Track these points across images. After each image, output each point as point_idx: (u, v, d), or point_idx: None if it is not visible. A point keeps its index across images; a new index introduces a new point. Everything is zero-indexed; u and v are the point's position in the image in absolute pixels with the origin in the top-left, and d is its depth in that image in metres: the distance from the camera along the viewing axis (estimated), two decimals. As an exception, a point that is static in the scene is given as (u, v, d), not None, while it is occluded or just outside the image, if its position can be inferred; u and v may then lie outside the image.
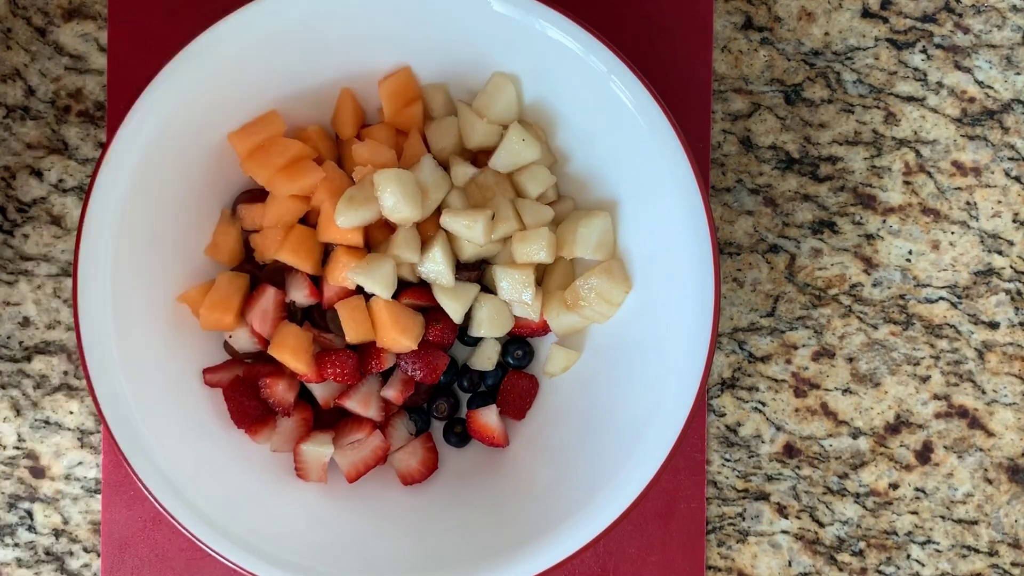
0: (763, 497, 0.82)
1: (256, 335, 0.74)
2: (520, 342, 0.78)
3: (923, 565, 0.83)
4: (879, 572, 0.82)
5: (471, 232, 0.73)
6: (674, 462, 0.81)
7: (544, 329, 0.78)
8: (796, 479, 0.82)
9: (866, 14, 0.83)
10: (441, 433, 0.80)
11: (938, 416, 0.83)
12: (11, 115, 0.82)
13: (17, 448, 0.82)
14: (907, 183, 0.83)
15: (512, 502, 0.75)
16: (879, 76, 0.83)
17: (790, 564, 0.83)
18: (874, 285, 0.83)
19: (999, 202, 0.83)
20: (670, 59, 0.81)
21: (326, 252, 0.75)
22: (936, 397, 0.83)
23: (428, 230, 0.75)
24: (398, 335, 0.73)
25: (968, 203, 0.83)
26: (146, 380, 0.71)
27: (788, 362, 0.83)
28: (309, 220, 0.76)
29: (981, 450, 0.83)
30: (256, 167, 0.74)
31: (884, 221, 0.83)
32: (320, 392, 0.76)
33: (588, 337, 0.78)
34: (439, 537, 0.74)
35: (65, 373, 0.82)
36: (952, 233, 0.83)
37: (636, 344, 0.74)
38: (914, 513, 0.83)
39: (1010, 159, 0.83)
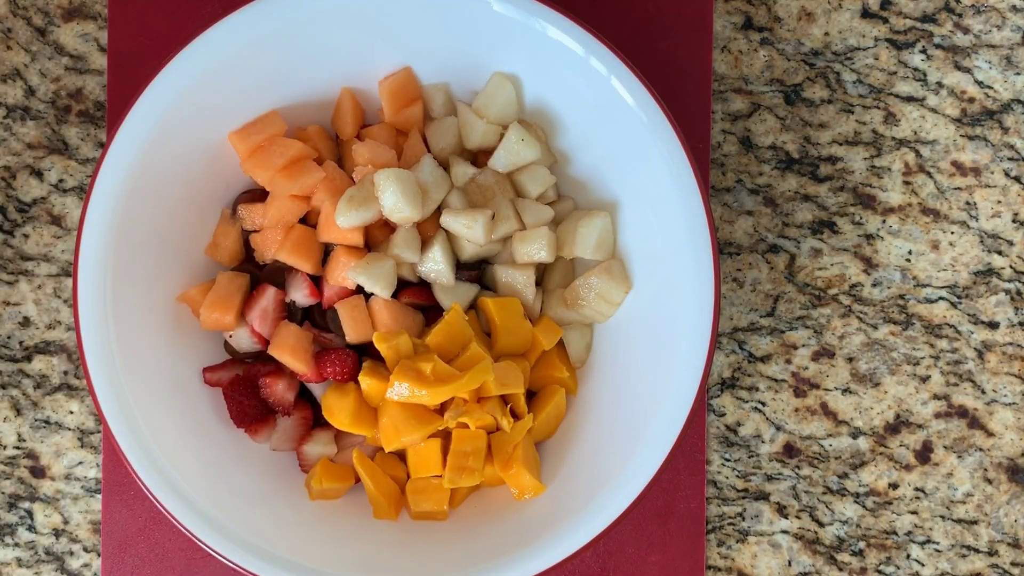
0: (763, 497, 0.82)
1: (256, 335, 0.74)
2: (520, 342, 0.79)
3: (923, 565, 0.83)
4: (879, 572, 0.82)
5: (471, 232, 0.73)
6: (674, 462, 0.81)
7: (544, 329, 0.78)
8: (796, 479, 0.82)
9: (866, 14, 0.83)
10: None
11: (938, 416, 0.83)
12: (11, 115, 0.82)
13: (17, 448, 0.82)
14: (907, 183, 0.83)
15: (512, 502, 0.75)
16: (879, 76, 0.83)
17: (790, 564, 0.83)
18: (874, 285, 0.83)
19: (999, 202, 0.83)
20: (670, 59, 0.81)
21: (326, 252, 0.75)
22: (936, 397, 0.83)
23: (428, 230, 0.75)
24: (398, 335, 0.73)
25: (968, 203, 0.83)
26: (146, 380, 0.71)
27: (788, 362, 0.83)
28: (309, 220, 0.76)
29: (981, 450, 0.83)
30: (256, 167, 0.74)
31: (884, 221, 0.83)
32: (320, 392, 0.76)
33: (588, 337, 0.78)
34: (439, 537, 0.74)
35: (65, 373, 0.82)
36: (952, 233, 0.83)
37: (636, 344, 0.74)
38: (914, 513, 0.83)
39: (1010, 159, 0.83)
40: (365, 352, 0.75)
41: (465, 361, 0.72)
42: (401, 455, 0.76)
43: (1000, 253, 0.83)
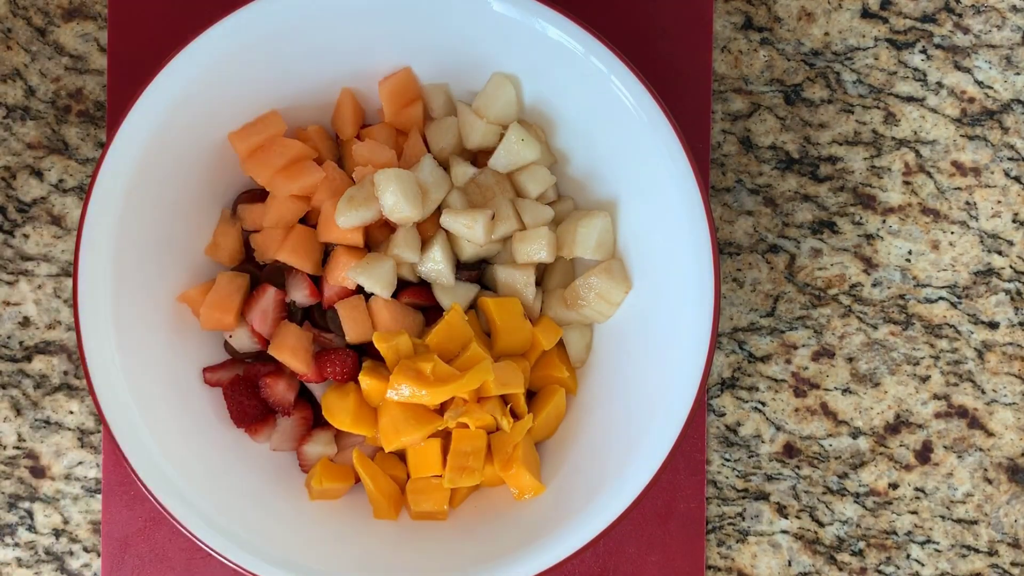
0: (763, 497, 0.83)
1: (256, 335, 0.74)
2: (520, 342, 0.79)
3: (923, 565, 0.83)
4: (879, 572, 0.82)
5: (471, 232, 0.73)
6: (674, 462, 0.81)
7: (544, 329, 0.78)
8: (796, 479, 0.83)
9: (866, 14, 0.83)
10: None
11: (938, 416, 0.83)
12: (11, 115, 0.82)
13: (17, 448, 0.82)
14: (907, 183, 0.83)
15: (512, 502, 0.75)
16: (879, 76, 0.83)
17: (790, 564, 0.83)
18: (874, 285, 0.83)
19: (999, 202, 0.83)
20: (670, 59, 0.81)
21: (326, 252, 0.75)
22: (936, 397, 0.83)
23: (428, 230, 0.75)
24: (398, 335, 0.73)
25: (968, 203, 0.83)
26: (146, 380, 0.71)
27: (788, 362, 0.83)
28: (309, 220, 0.76)
29: (981, 450, 0.83)
30: (256, 167, 0.74)
31: (884, 221, 0.83)
32: (320, 392, 0.76)
33: (588, 337, 0.78)
34: (439, 537, 0.74)
35: (65, 373, 0.82)
36: (952, 233, 0.83)
37: (636, 344, 0.74)
38: (914, 513, 0.83)
39: (1010, 159, 0.83)
40: (365, 352, 0.75)
41: (465, 361, 0.72)
42: (401, 455, 0.76)
43: (1000, 253, 0.83)
